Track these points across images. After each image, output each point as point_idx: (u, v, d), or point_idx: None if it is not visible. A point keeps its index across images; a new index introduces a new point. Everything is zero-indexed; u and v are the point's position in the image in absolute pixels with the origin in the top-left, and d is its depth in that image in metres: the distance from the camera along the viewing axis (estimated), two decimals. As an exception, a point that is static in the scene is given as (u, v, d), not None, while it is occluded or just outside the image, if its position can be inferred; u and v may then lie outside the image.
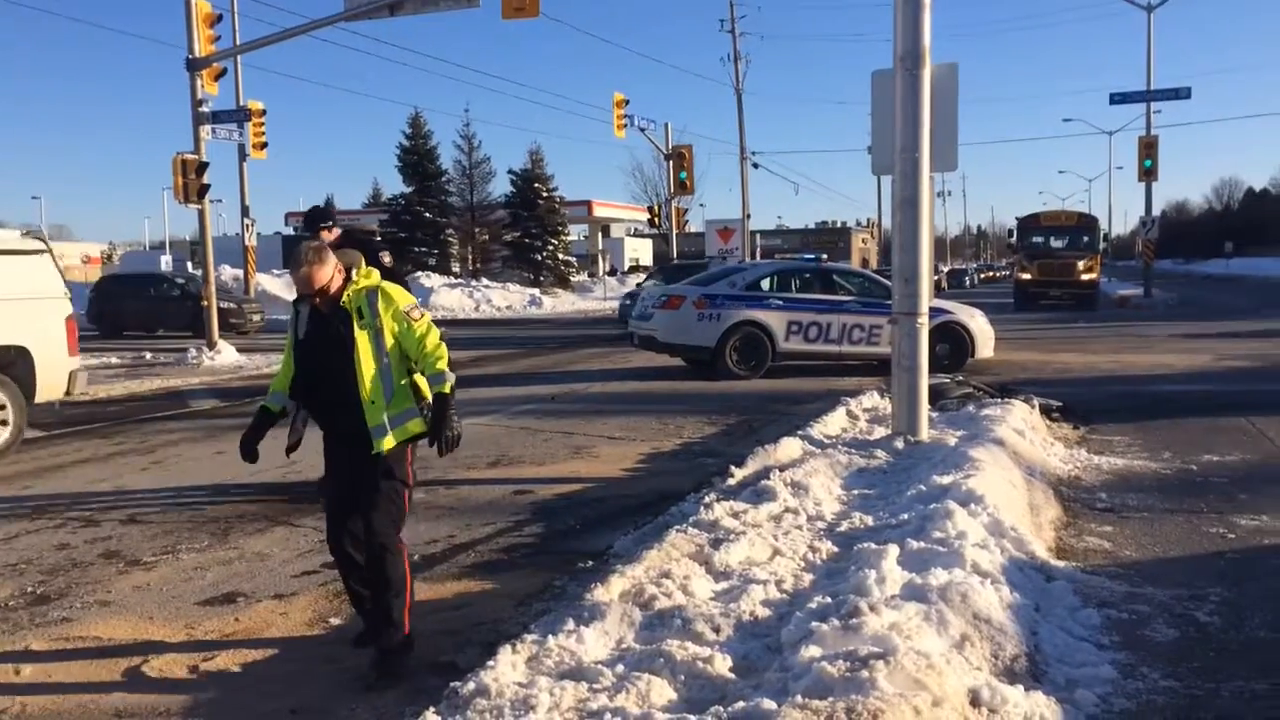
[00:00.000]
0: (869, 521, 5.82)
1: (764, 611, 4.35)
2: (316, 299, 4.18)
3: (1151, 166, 34.61)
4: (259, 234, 36.07)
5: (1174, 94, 34.81)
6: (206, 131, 19.50)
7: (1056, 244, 33.80)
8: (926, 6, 7.75)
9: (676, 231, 37.72)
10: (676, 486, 7.43)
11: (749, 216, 40.45)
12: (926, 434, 8.01)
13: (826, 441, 8.29)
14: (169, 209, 74.03)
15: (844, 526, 5.76)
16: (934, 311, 11.08)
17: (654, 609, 4.33)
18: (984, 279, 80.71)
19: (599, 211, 64.91)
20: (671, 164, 34.99)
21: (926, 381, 8.11)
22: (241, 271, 34.41)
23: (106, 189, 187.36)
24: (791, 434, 8.45)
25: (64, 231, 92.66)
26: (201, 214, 19.67)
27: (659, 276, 26.15)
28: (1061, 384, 13.06)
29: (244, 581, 5.53)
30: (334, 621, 4.87)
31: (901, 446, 7.71)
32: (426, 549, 6.01)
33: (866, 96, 8.35)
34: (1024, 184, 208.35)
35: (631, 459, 8.82)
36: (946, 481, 6.16)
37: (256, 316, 27.98)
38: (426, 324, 4.23)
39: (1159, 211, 41.21)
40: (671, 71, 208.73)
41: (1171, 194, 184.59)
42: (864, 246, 73.61)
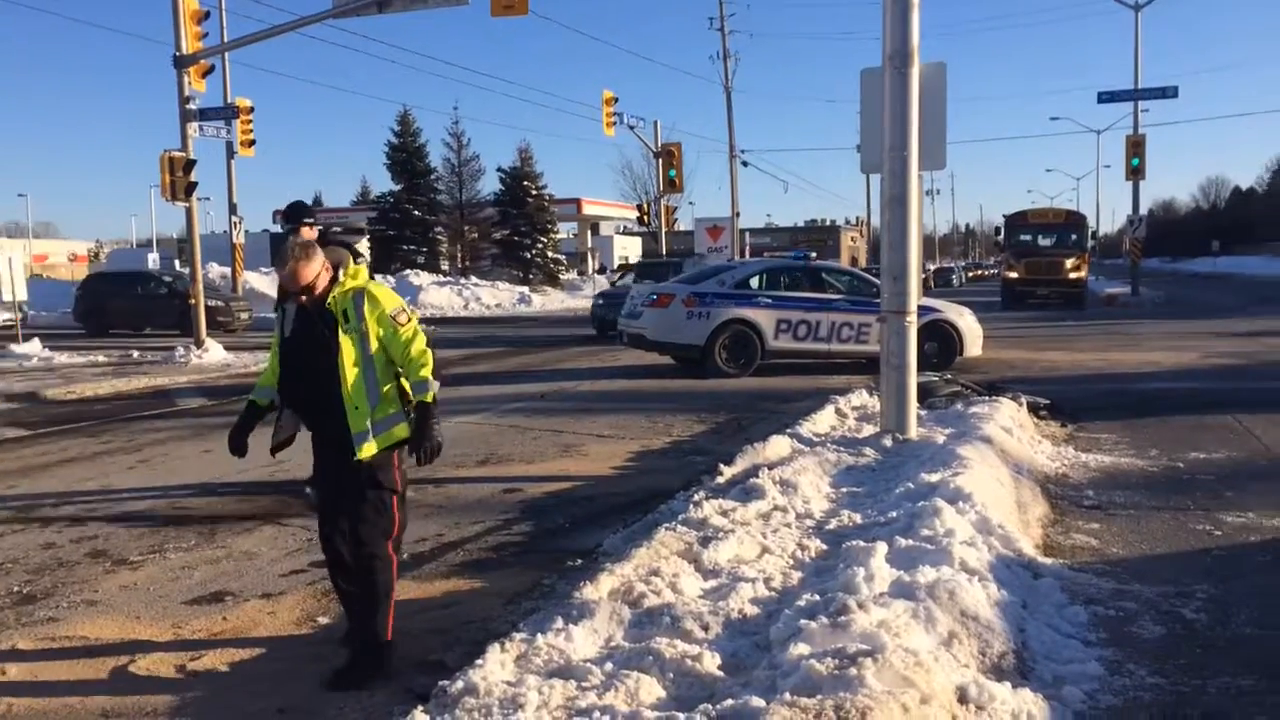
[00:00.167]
0: (857, 519, 5.84)
1: (753, 609, 4.35)
2: (302, 297, 4.11)
3: (1139, 165, 34.73)
4: (246, 232, 35.98)
5: (1161, 93, 34.93)
6: (194, 129, 19.43)
7: (1044, 242, 33.70)
8: (915, 6, 7.77)
9: (666, 230, 37.73)
10: (665, 485, 7.43)
11: (738, 214, 40.53)
12: (915, 432, 8.03)
13: (815, 440, 8.30)
14: (156, 206, 73.86)
15: (833, 524, 5.78)
16: (922, 310, 11.10)
17: (643, 607, 4.33)
18: (972, 277, 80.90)
19: (588, 209, 64.91)
20: (661, 162, 35.00)
21: (915, 380, 8.13)
22: (229, 269, 34.34)
23: (93, 186, 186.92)
24: (780, 432, 8.46)
25: (51, 229, 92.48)
26: (189, 212, 19.59)
27: (632, 275, 25.77)
28: (1049, 382, 13.11)
29: (231, 581, 5.51)
30: (322, 620, 4.86)
31: (890, 444, 7.73)
32: (415, 547, 6.00)
33: (855, 95, 8.36)
34: (1012, 183, 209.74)
35: (621, 457, 8.82)
36: (935, 479, 6.18)
37: (244, 315, 27.87)
38: (413, 329, 4.16)
39: (1146, 210, 41.46)
40: (661, 69, 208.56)
41: (1159, 192, 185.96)
42: (853, 245, 73.70)
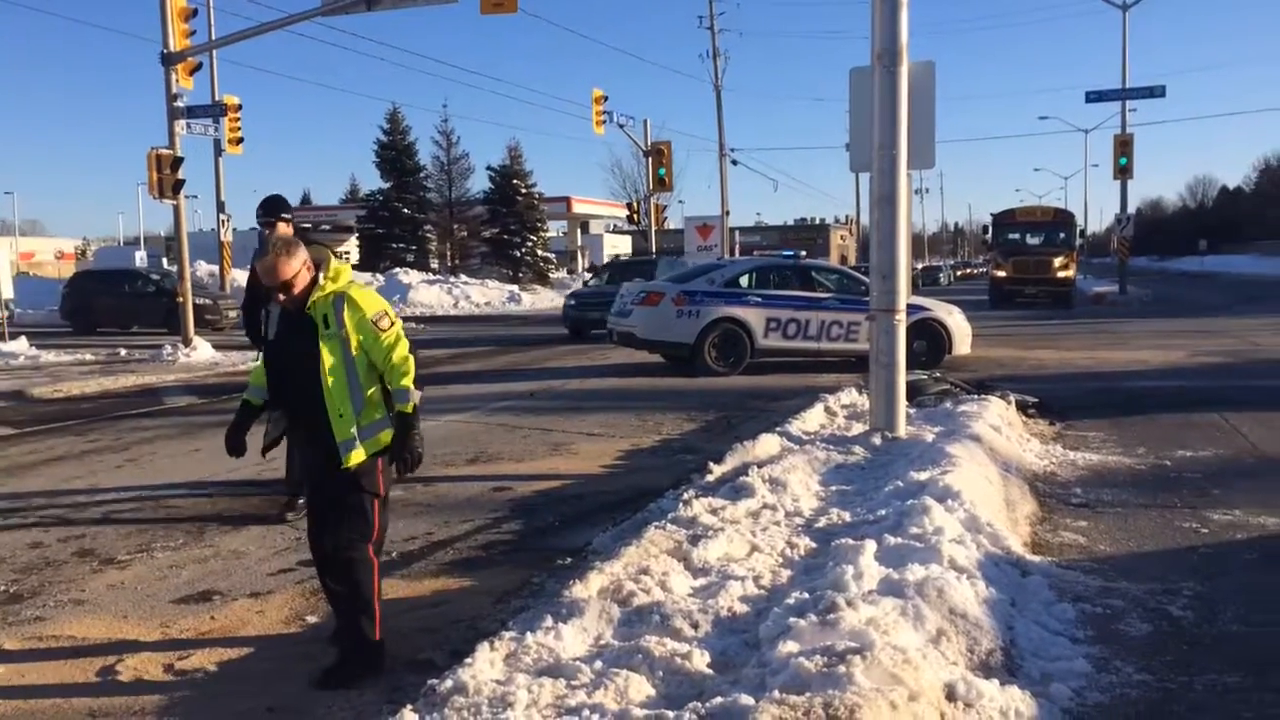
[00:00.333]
0: (846, 517, 5.85)
1: (742, 607, 4.36)
2: (280, 295, 4.01)
3: (1126, 164, 34.84)
4: (235, 229, 35.82)
5: (1149, 92, 35.04)
6: (181, 126, 19.37)
7: (1032, 240, 33.62)
8: (904, 4, 7.78)
9: (656, 228, 37.74)
10: (655, 483, 7.44)
11: (728, 213, 40.49)
12: (904, 430, 8.04)
13: (805, 438, 8.32)
14: (143, 204, 73.48)
15: (822, 522, 5.78)
16: (912, 308, 11.12)
17: (632, 605, 4.33)
18: (960, 276, 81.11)
19: (578, 208, 64.81)
20: (650, 160, 35.00)
21: (904, 378, 8.15)
22: (217, 267, 34.23)
23: (80, 184, 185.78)
24: (770, 430, 8.47)
25: (37, 227, 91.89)
26: (176, 209, 19.51)
27: (604, 274, 25.36)
28: (1037, 380, 13.15)
29: (220, 580, 5.50)
30: (310, 619, 4.85)
31: (879, 443, 7.75)
32: (405, 546, 5.99)
33: (845, 93, 8.38)
34: (1001, 181, 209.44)
35: (610, 456, 8.82)
36: (924, 478, 6.19)
37: (232, 313, 27.69)
38: (395, 334, 4.04)
39: (1134, 209, 41.68)
40: (651, 68, 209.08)
41: (1146, 191, 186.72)
42: (842, 243, 73.79)
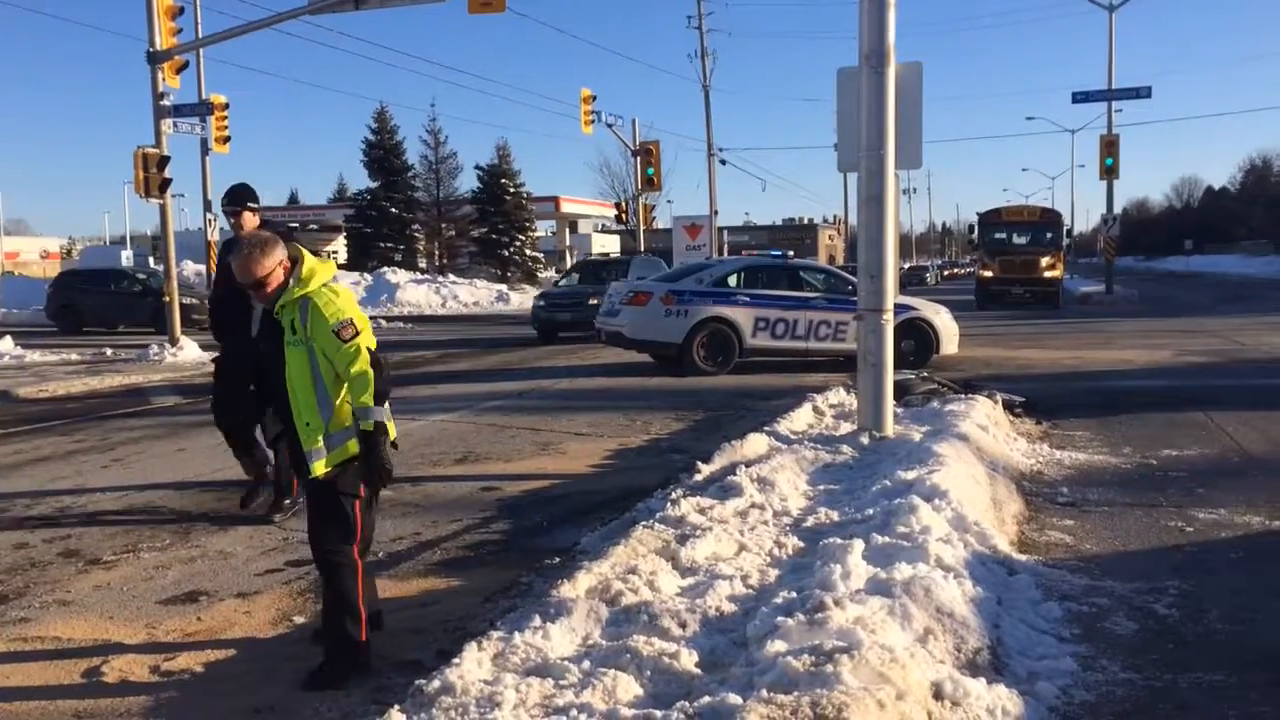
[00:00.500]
0: (834, 517, 5.86)
1: (730, 607, 4.36)
2: (252, 293, 3.98)
3: (1113, 165, 34.96)
4: (221, 229, 35.63)
5: (1135, 93, 35.17)
6: (168, 125, 19.27)
7: (1019, 240, 33.50)
8: (891, 6, 7.80)
9: (644, 228, 37.70)
10: (643, 483, 7.43)
11: (716, 213, 40.50)
12: (892, 430, 8.06)
13: (793, 437, 8.33)
14: (130, 203, 73.11)
15: (810, 522, 5.79)
16: (899, 308, 11.15)
17: (620, 605, 4.33)
18: (947, 276, 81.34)
19: (566, 207, 64.80)
20: (639, 160, 34.95)
21: (892, 378, 8.17)
22: (204, 267, 33.98)
23: (66, 183, 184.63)
24: (758, 430, 8.48)
25: (22, 226, 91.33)
26: (163, 209, 19.43)
27: (574, 275, 25.18)
28: (1024, 380, 13.20)
29: (206, 580, 5.47)
30: (298, 620, 4.83)
31: (867, 442, 7.76)
32: (393, 546, 5.98)
33: (833, 94, 8.39)
34: (989, 182, 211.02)
35: (599, 455, 8.81)
36: (911, 477, 6.21)
37: (220, 312, 27.64)
38: (355, 346, 3.88)
39: (1120, 209, 41.81)
40: (639, 67, 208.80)
41: (1132, 192, 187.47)
42: (831, 243, 73.91)
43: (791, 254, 17.07)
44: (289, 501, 6.63)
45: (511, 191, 53.96)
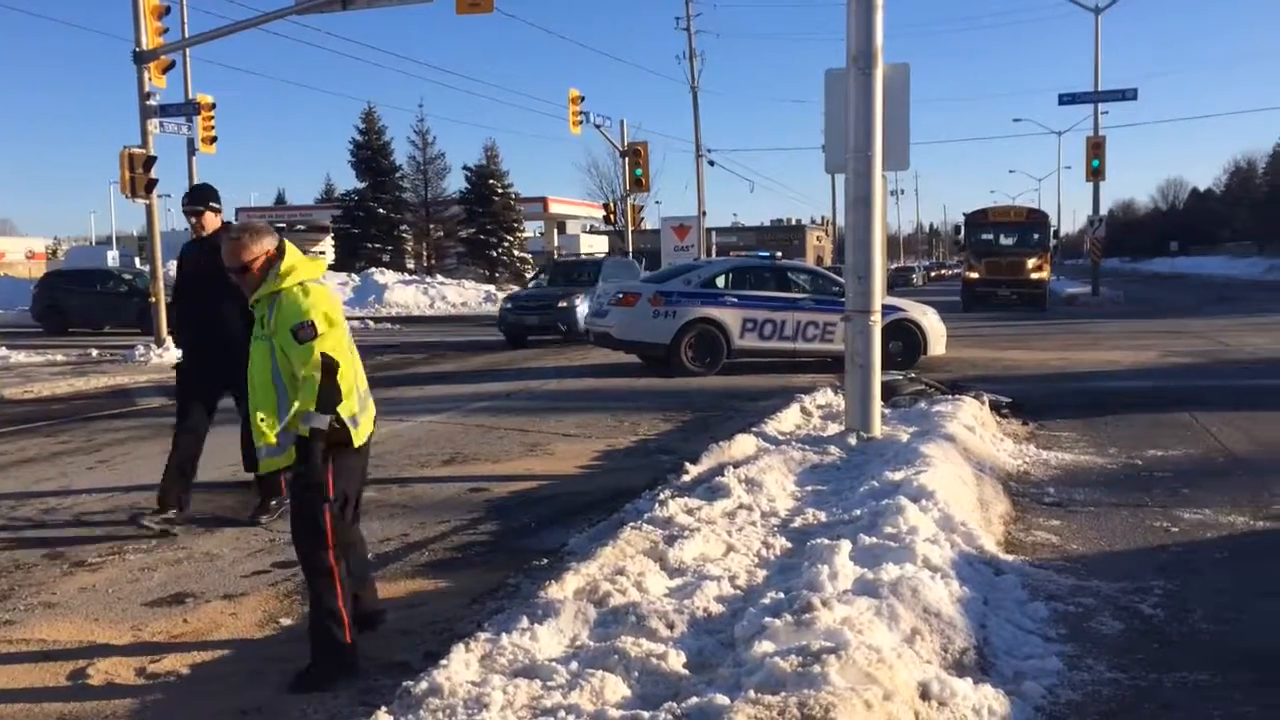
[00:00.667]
0: (822, 517, 5.87)
1: (718, 607, 4.36)
2: (237, 276, 4.03)
3: (1099, 166, 35.12)
4: (209, 229, 35.44)
5: (1121, 95, 35.30)
6: (154, 125, 19.21)
7: (1005, 241, 33.33)
8: (879, 8, 7.82)
9: (632, 228, 37.70)
10: (631, 483, 7.43)
11: (704, 214, 40.58)
12: (879, 430, 8.08)
13: (780, 438, 8.34)
14: (116, 203, 72.88)
15: (797, 522, 5.80)
16: (887, 309, 11.17)
17: (608, 606, 4.33)
18: (934, 277, 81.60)
19: (554, 208, 64.73)
20: (627, 161, 34.93)
21: (879, 378, 8.19)
22: (190, 267, 33.83)
23: (51, 183, 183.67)
24: (746, 431, 8.49)
25: (7, 226, 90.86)
26: (149, 209, 19.35)
27: (543, 277, 24.73)
28: (1011, 381, 13.25)
29: (192, 582, 5.45)
30: (284, 622, 4.82)
31: (854, 443, 7.78)
32: (380, 547, 5.96)
33: (821, 95, 8.40)
34: (976, 183, 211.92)
35: (587, 456, 8.81)
36: (898, 477, 6.22)
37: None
38: (310, 349, 3.84)
39: (1106, 211, 41.92)
40: (627, 68, 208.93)
41: (1118, 193, 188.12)
42: (819, 244, 74.15)
43: (779, 255, 16.99)
44: (275, 503, 6.61)
45: (499, 192, 53.89)
